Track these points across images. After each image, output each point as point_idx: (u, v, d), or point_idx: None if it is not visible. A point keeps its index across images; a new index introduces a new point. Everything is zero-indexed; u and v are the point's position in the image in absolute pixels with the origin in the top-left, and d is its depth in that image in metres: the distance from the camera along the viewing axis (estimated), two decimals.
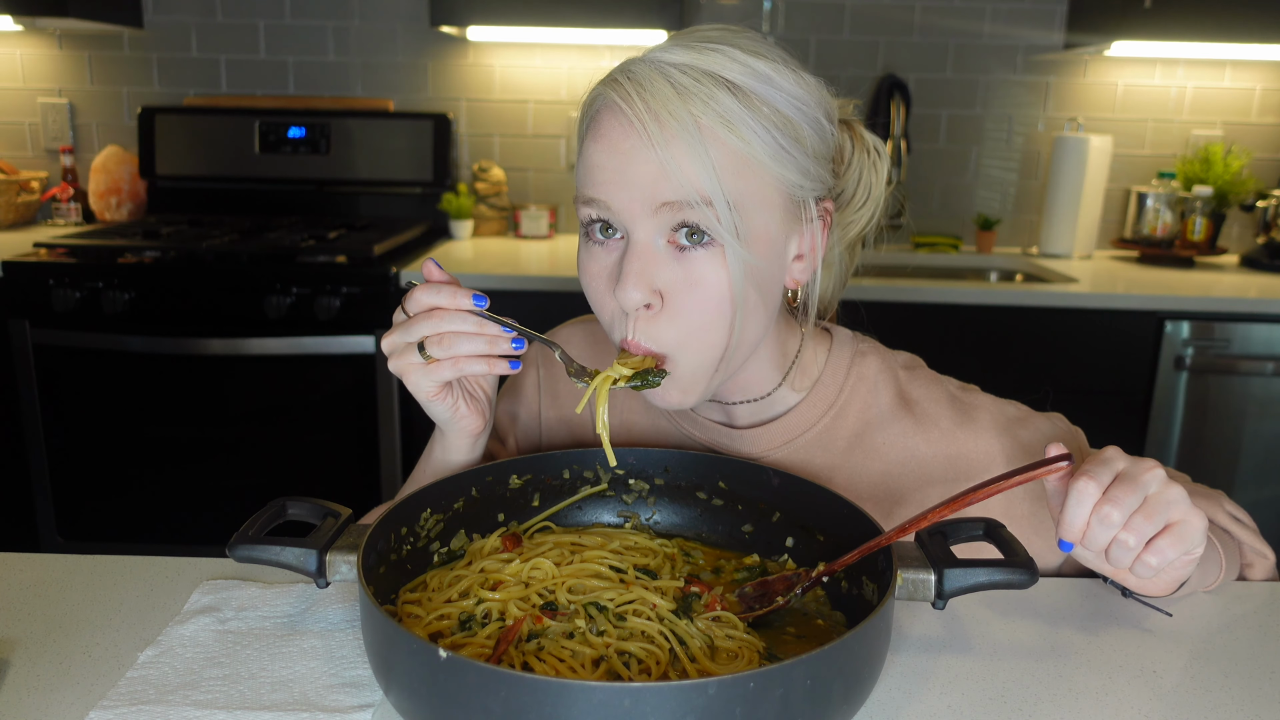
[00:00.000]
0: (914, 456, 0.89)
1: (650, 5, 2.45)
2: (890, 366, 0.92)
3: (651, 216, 0.74)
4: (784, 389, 0.90)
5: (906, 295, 2.28)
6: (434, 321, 0.76)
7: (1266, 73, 2.82)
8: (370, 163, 2.82)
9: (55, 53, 2.87)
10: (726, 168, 0.73)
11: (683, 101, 0.72)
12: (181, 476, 2.40)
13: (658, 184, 0.73)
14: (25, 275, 2.28)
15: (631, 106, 0.73)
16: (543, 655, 0.65)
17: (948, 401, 0.90)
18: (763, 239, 0.76)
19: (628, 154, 0.74)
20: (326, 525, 0.73)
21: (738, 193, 0.74)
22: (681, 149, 0.72)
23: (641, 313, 0.76)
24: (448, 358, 0.77)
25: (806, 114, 0.77)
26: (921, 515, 0.70)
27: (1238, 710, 0.68)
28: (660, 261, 0.75)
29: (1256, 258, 2.71)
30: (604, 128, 0.75)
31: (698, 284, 0.75)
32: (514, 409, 1.05)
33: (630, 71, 0.75)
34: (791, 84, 0.76)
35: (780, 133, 0.75)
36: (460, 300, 0.76)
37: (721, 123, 0.72)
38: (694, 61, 0.74)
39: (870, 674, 0.61)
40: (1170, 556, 0.68)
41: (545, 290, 2.33)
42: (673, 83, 0.73)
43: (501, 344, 0.77)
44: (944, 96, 2.86)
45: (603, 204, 0.76)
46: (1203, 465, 2.38)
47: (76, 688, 0.68)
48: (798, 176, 0.77)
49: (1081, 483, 0.68)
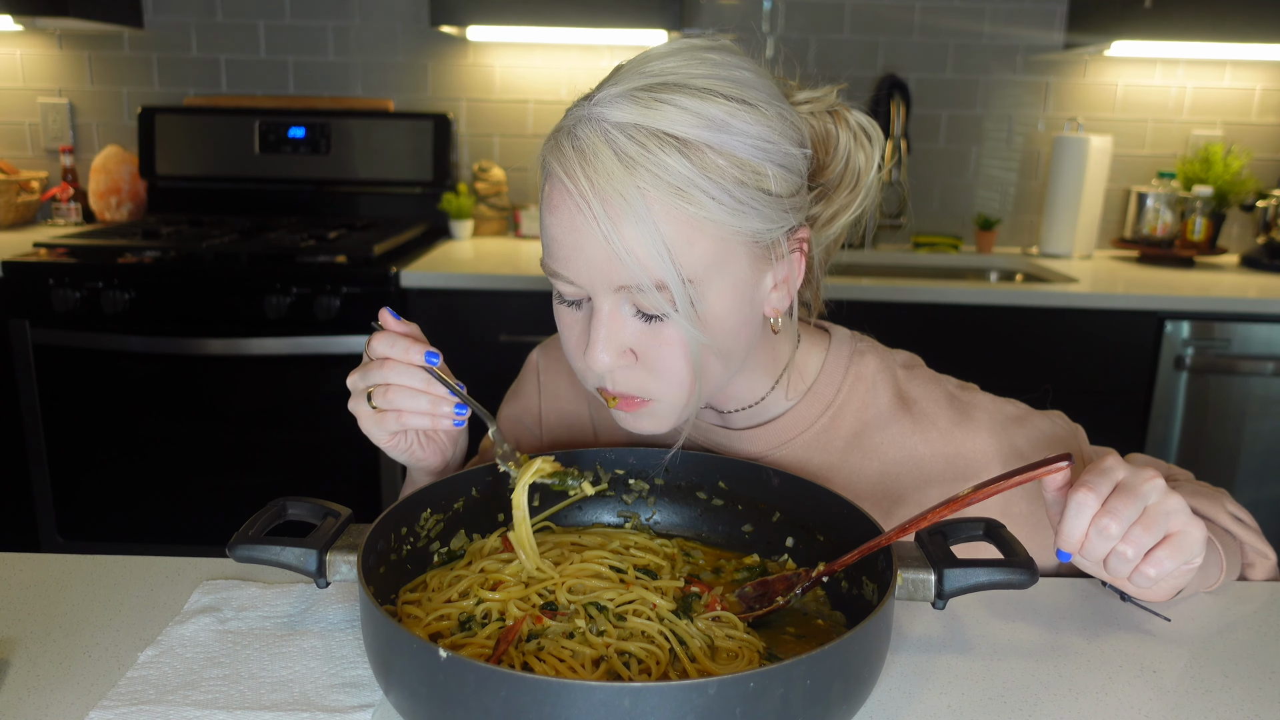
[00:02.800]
0: (912, 456, 0.88)
1: (650, 5, 2.45)
2: (888, 366, 0.92)
3: (612, 293, 0.73)
4: (777, 394, 0.90)
5: (906, 295, 2.28)
6: (384, 372, 0.78)
7: (1267, 73, 2.82)
8: (370, 163, 2.82)
9: (55, 53, 2.87)
10: (680, 240, 0.70)
11: (629, 174, 0.69)
12: (181, 476, 2.40)
13: (611, 266, 0.71)
14: (25, 275, 2.28)
15: (576, 185, 0.70)
16: (543, 655, 0.65)
17: (946, 401, 0.90)
18: (727, 298, 0.75)
19: (580, 232, 0.71)
20: (326, 525, 0.73)
21: (694, 262, 0.71)
22: (630, 231, 0.69)
23: (618, 369, 0.77)
24: (391, 410, 0.79)
25: (771, 151, 0.73)
26: (921, 515, 0.70)
27: (1238, 710, 0.68)
28: (626, 326, 0.75)
29: (1256, 258, 2.71)
30: (555, 200, 0.73)
31: (666, 343, 0.75)
32: (515, 413, 1.06)
33: (576, 138, 0.71)
34: (751, 124, 0.72)
35: (739, 185, 0.71)
36: (411, 355, 0.77)
37: (672, 191, 0.69)
38: (640, 120, 0.70)
39: (870, 674, 0.61)
40: (1169, 568, 0.68)
41: (545, 290, 2.32)
42: (618, 151, 0.69)
43: (444, 406, 0.78)
44: (944, 96, 2.86)
45: (564, 278, 0.75)
46: (1203, 465, 2.38)
47: (76, 688, 0.68)
48: (761, 224, 0.74)
49: (1080, 494, 0.68)
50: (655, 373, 0.76)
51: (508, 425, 1.06)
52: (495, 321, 2.34)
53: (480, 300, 2.33)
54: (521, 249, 2.71)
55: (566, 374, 1.03)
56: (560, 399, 1.03)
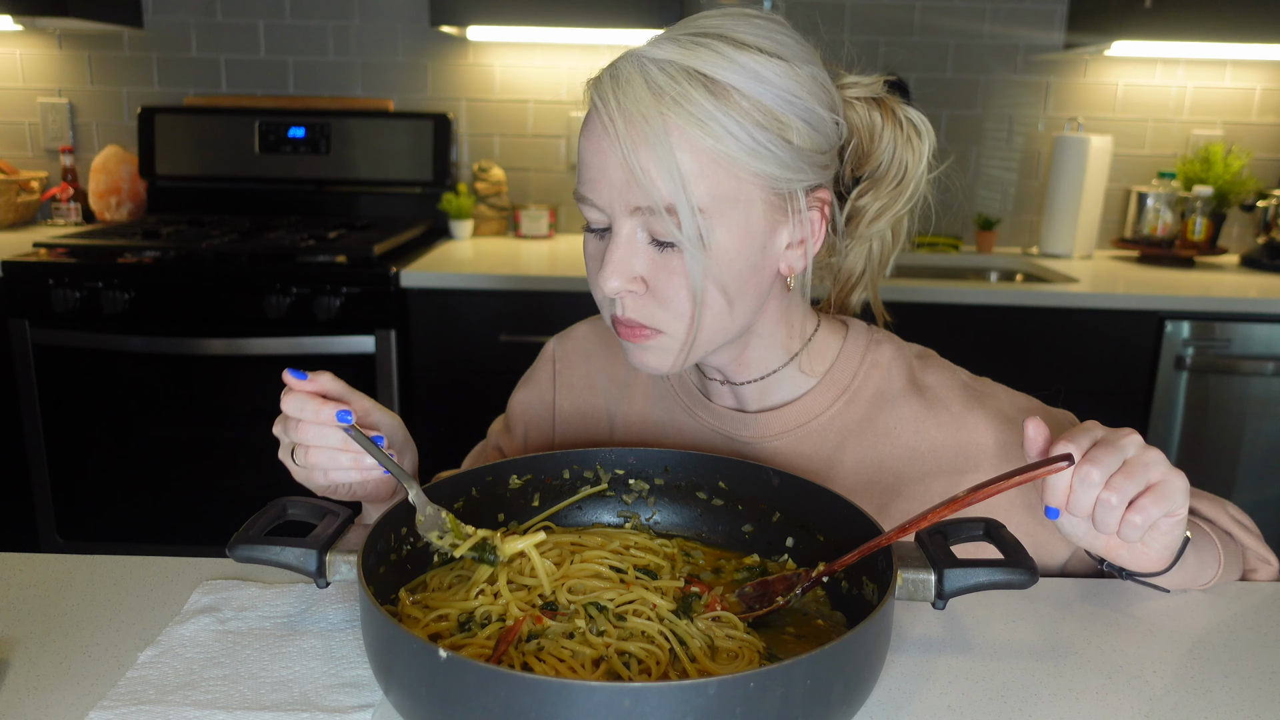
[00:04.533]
0: (925, 439, 0.89)
1: (650, 5, 2.45)
2: (904, 354, 0.93)
3: (629, 216, 0.77)
4: (790, 368, 0.91)
5: (906, 295, 2.28)
6: (299, 433, 0.77)
7: (1267, 72, 2.82)
8: (370, 163, 2.82)
9: (55, 53, 2.87)
10: (695, 169, 0.74)
11: (655, 101, 0.74)
12: (181, 476, 2.40)
13: (628, 187, 0.76)
14: (25, 275, 2.28)
15: (607, 107, 0.76)
16: (543, 655, 0.65)
17: (960, 388, 0.91)
18: (737, 236, 0.77)
19: (605, 154, 0.77)
20: (326, 525, 0.73)
21: (707, 194, 0.75)
22: (647, 154, 0.74)
23: (628, 295, 0.80)
24: (315, 469, 0.79)
25: (797, 106, 0.77)
26: (921, 515, 0.69)
27: (1237, 711, 0.68)
28: (640, 252, 0.78)
29: (1257, 258, 2.71)
30: (588, 125, 0.79)
31: (674, 273, 0.78)
32: (529, 399, 1.06)
33: (615, 70, 0.77)
34: (780, 77, 0.76)
35: (760, 128, 0.75)
36: (321, 416, 0.76)
37: (692, 122, 0.73)
38: (676, 58, 0.75)
39: (870, 674, 0.61)
40: (1154, 514, 0.69)
41: (545, 290, 2.33)
42: (648, 80, 0.74)
43: (366, 459, 0.77)
44: (944, 96, 2.86)
45: (590, 202, 0.80)
46: (1203, 465, 2.38)
47: (76, 688, 0.68)
48: (779, 170, 0.77)
49: (1062, 445, 0.70)
50: (662, 303, 0.79)
51: (521, 410, 1.06)
52: (495, 321, 2.34)
53: (480, 300, 2.33)
54: (521, 249, 2.71)
55: (583, 366, 1.03)
56: (575, 389, 1.03)
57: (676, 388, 0.98)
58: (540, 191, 2.96)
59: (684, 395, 0.98)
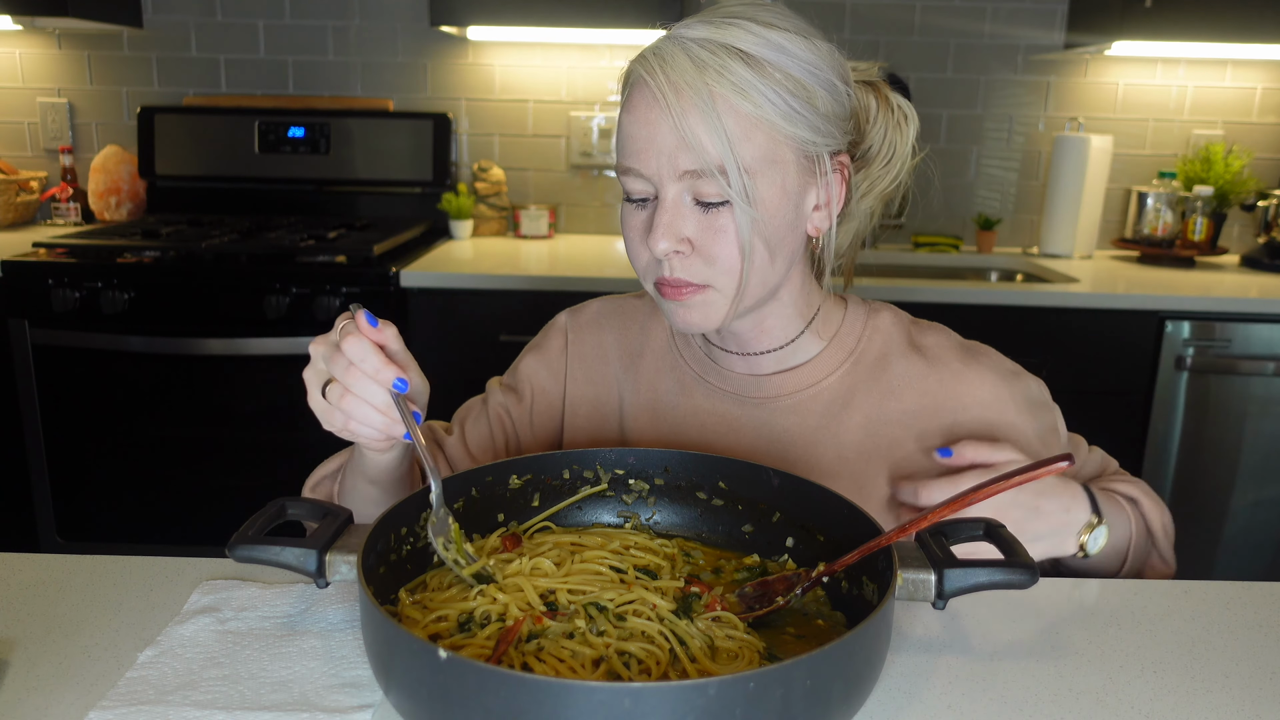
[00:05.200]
0: (927, 394, 0.95)
1: (650, 5, 2.45)
2: (901, 319, 1.00)
3: (676, 181, 0.83)
4: (807, 335, 0.97)
5: (906, 295, 2.28)
6: (348, 377, 0.75)
7: (1267, 72, 2.82)
8: (370, 163, 2.82)
9: (55, 52, 2.87)
10: (739, 133, 0.81)
11: (699, 73, 0.80)
12: (181, 476, 2.40)
13: (678, 153, 0.82)
14: (24, 275, 2.28)
15: (655, 80, 0.82)
16: (543, 655, 0.65)
17: (956, 346, 0.98)
18: (776, 194, 0.84)
19: (653, 124, 0.82)
20: (326, 525, 0.73)
21: (750, 155, 0.82)
22: (697, 119, 0.80)
23: (675, 256, 0.85)
24: (341, 413, 0.77)
25: (819, 77, 0.84)
26: (922, 515, 0.70)
27: (1238, 710, 0.68)
28: (686, 215, 0.84)
29: (1257, 257, 2.71)
30: (634, 100, 0.85)
31: (720, 230, 0.84)
32: (537, 365, 1.08)
33: (657, 49, 0.84)
34: (804, 51, 0.84)
35: (792, 95, 0.82)
36: (381, 375, 0.75)
37: (734, 90, 0.80)
38: (711, 36, 0.82)
39: (870, 674, 0.61)
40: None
41: (545, 290, 2.33)
42: (691, 56, 0.81)
43: (396, 429, 0.77)
44: (944, 96, 2.86)
45: (636, 172, 0.85)
46: (1203, 465, 2.38)
47: (76, 688, 0.68)
48: (810, 134, 0.84)
49: None
50: (709, 260, 0.85)
51: (529, 376, 1.07)
52: (495, 321, 2.34)
53: (480, 300, 2.33)
54: (521, 249, 2.71)
55: (594, 336, 1.06)
56: (587, 360, 1.06)
57: (687, 358, 1.02)
58: (540, 191, 2.96)
59: (694, 364, 1.01)
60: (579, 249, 2.74)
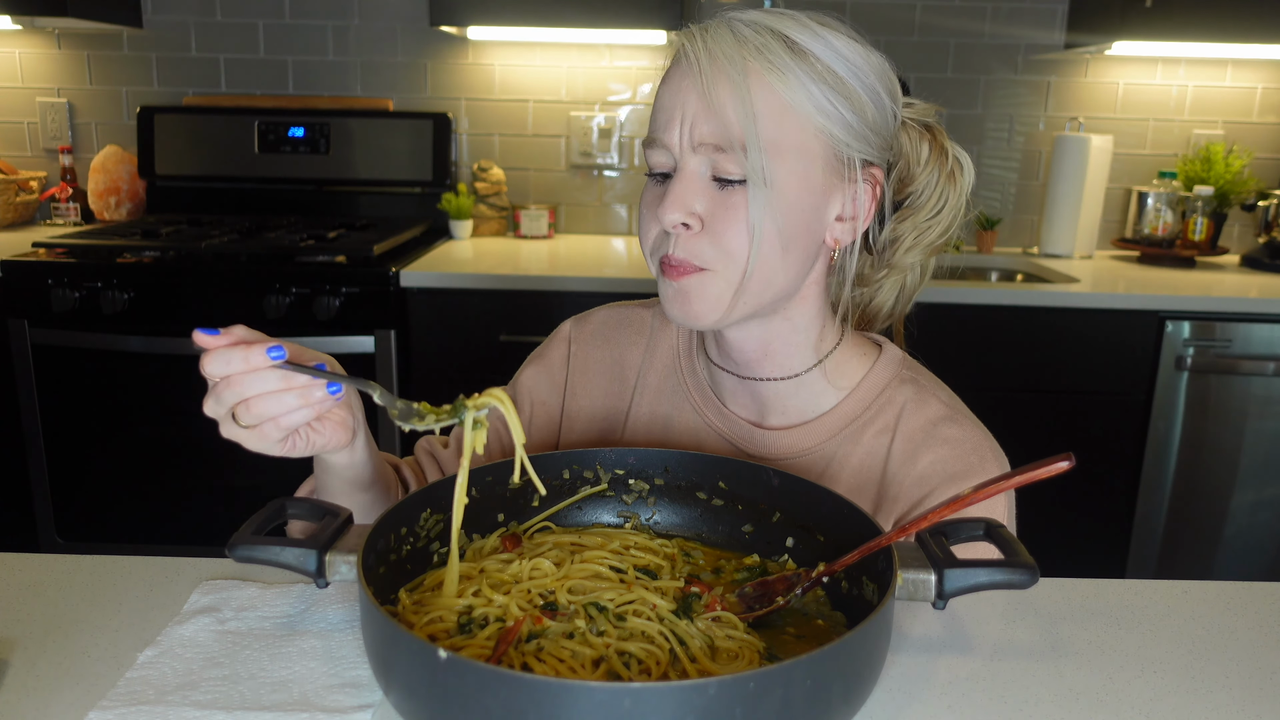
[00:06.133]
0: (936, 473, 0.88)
1: (650, 5, 2.45)
2: (922, 404, 0.91)
3: (695, 152, 0.81)
4: (816, 374, 0.92)
5: None
6: (234, 389, 0.70)
7: (1268, 72, 2.82)
8: (370, 162, 2.82)
9: (54, 52, 2.87)
10: (767, 112, 0.79)
11: (738, 45, 0.79)
12: (181, 476, 2.40)
13: (700, 120, 0.80)
14: (24, 275, 2.28)
15: (694, 48, 0.80)
16: (542, 656, 0.65)
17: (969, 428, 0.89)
18: (797, 182, 0.81)
19: (683, 92, 0.81)
20: (326, 525, 0.73)
21: (775, 136, 0.79)
22: (726, 89, 0.78)
23: (682, 231, 0.82)
24: (265, 421, 0.72)
25: (864, 82, 0.82)
26: (921, 515, 0.69)
27: (1238, 710, 0.68)
28: (701, 190, 0.82)
29: (1257, 257, 2.71)
30: (670, 73, 0.84)
31: (732, 208, 0.81)
32: (537, 376, 1.05)
33: (704, 25, 0.82)
34: (853, 54, 0.82)
35: (829, 89, 0.80)
36: (253, 361, 0.69)
37: (770, 69, 0.79)
38: (762, 20, 0.81)
39: (870, 674, 0.61)
40: None
41: (545, 290, 2.33)
42: (734, 31, 0.80)
43: (315, 392, 0.72)
44: (944, 96, 2.86)
45: (660, 143, 0.83)
46: (1203, 465, 2.38)
47: (76, 688, 0.68)
48: (843, 133, 0.81)
49: None
50: (716, 241, 0.82)
51: (530, 387, 1.05)
52: (495, 321, 2.34)
53: (480, 300, 2.33)
54: (521, 249, 2.71)
55: (597, 350, 1.04)
56: (588, 373, 1.03)
57: (690, 385, 0.98)
58: (540, 191, 2.96)
59: (696, 394, 0.98)
60: (579, 249, 2.74)
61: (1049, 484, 0.73)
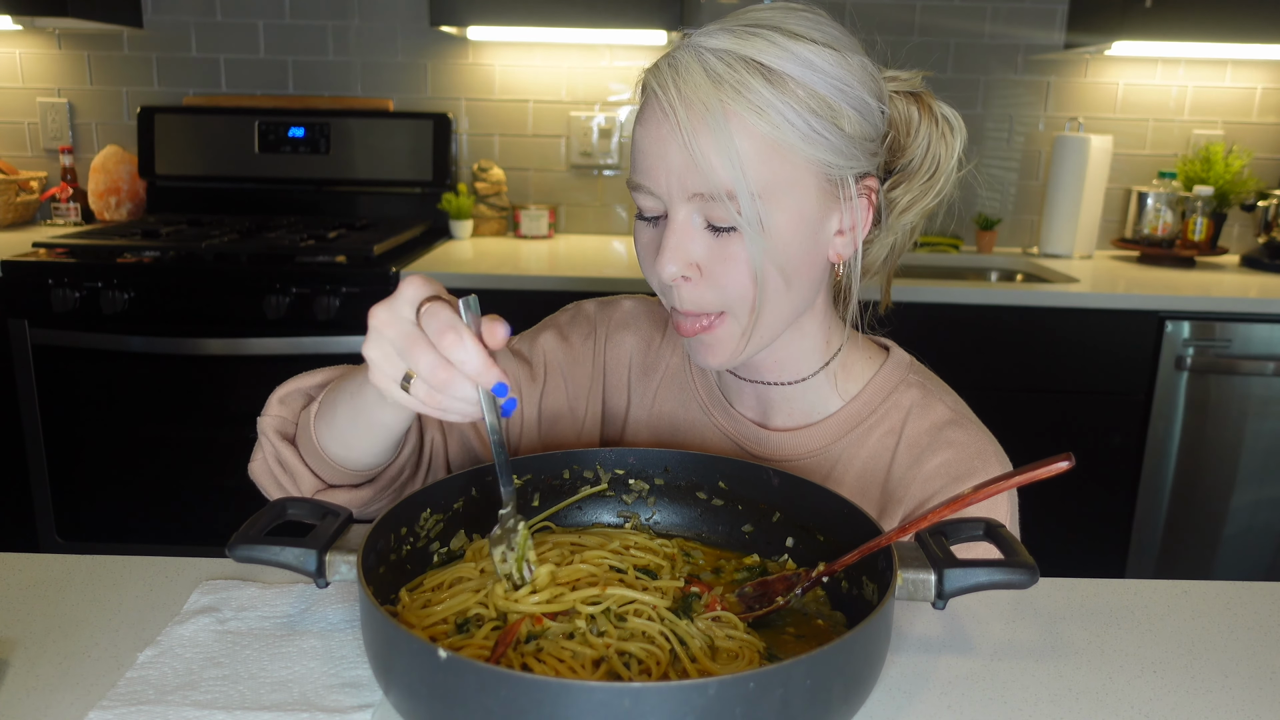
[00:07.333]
0: (942, 475, 0.88)
1: (650, 5, 2.45)
2: (928, 408, 0.91)
3: (686, 202, 0.78)
4: (823, 377, 0.92)
5: (906, 295, 2.28)
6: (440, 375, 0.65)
7: (1267, 72, 2.82)
8: (370, 163, 2.82)
9: (54, 52, 2.87)
10: (753, 155, 0.75)
11: (714, 88, 0.75)
12: (182, 476, 2.40)
13: (688, 173, 0.77)
14: (24, 275, 2.28)
15: (666, 94, 0.77)
16: (542, 656, 0.65)
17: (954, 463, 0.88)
18: (792, 220, 0.79)
19: (664, 140, 0.77)
20: (326, 525, 0.73)
21: (765, 179, 0.76)
22: (708, 140, 0.75)
23: (682, 282, 0.81)
24: (419, 402, 0.67)
25: (848, 94, 0.79)
26: (921, 515, 0.69)
27: (1238, 710, 0.68)
28: (696, 238, 0.79)
29: (1257, 257, 2.71)
30: (646, 114, 0.80)
31: (730, 258, 0.79)
32: (556, 345, 1.02)
33: (673, 59, 0.78)
34: (833, 66, 0.78)
35: (815, 115, 0.77)
36: (484, 376, 0.64)
37: (751, 109, 0.75)
38: (732, 47, 0.76)
39: (870, 674, 0.61)
40: None
41: (545, 290, 2.33)
42: (707, 69, 0.75)
43: (479, 424, 0.70)
44: (944, 96, 2.83)
45: (646, 189, 0.80)
46: (1203, 465, 2.38)
47: (76, 688, 0.68)
48: (832, 156, 0.78)
49: None
50: (719, 288, 0.80)
51: (547, 350, 1.01)
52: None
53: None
54: (521, 249, 2.71)
55: (618, 334, 1.02)
56: (605, 355, 1.02)
57: (699, 385, 0.99)
58: (540, 191, 2.96)
59: (704, 394, 0.98)
60: (579, 249, 2.74)
61: (1049, 484, 0.73)
